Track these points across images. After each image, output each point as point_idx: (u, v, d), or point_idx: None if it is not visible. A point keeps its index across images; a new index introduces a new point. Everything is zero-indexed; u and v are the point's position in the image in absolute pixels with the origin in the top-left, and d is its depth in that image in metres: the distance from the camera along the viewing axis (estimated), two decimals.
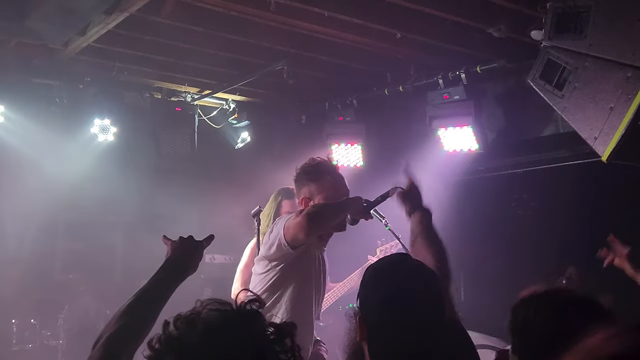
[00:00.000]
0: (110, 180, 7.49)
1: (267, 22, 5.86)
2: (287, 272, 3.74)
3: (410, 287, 2.12)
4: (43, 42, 6.09)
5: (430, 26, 6.00)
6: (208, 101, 8.01)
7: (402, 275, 2.16)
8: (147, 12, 5.55)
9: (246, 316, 1.54)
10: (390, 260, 2.32)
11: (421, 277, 2.18)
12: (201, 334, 1.48)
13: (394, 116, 7.55)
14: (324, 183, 3.93)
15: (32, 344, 7.01)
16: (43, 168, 7.26)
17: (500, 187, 7.03)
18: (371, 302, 2.14)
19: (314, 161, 4.08)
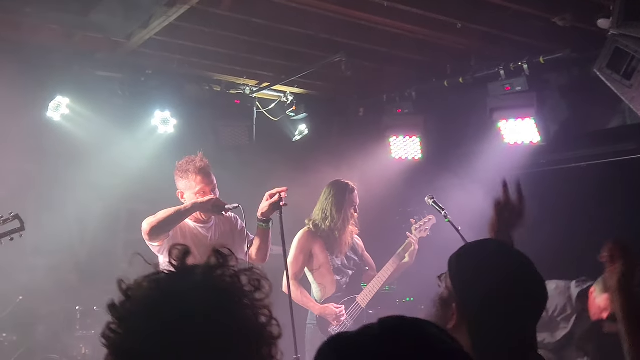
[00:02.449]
0: (170, 171, 7.57)
1: (326, 13, 5.85)
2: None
3: (521, 276, 2.08)
4: (106, 35, 6.22)
5: (491, 16, 5.90)
6: (266, 94, 8.06)
7: (512, 264, 2.11)
8: (208, 4, 5.62)
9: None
10: (493, 247, 2.25)
11: (528, 266, 2.13)
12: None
13: (453, 108, 7.44)
14: (190, 181, 4.92)
15: (94, 330, 7.17)
16: (106, 159, 7.41)
17: (562, 180, 6.85)
18: (478, 290, 2.07)
19: (187, 160, 5.04)
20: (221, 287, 1.45)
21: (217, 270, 1.46)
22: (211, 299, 1.42)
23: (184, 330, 1.39)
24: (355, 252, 6.01)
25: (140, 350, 1.40)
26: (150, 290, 1.48)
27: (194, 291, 1.44)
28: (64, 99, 7.00)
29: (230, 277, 1.46)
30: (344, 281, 5.85)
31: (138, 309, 1.46)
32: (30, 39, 6.37)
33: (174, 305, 1.42)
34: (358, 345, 1.28)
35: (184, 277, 1.48)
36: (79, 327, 7.11)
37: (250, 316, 1.43)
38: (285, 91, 8.05)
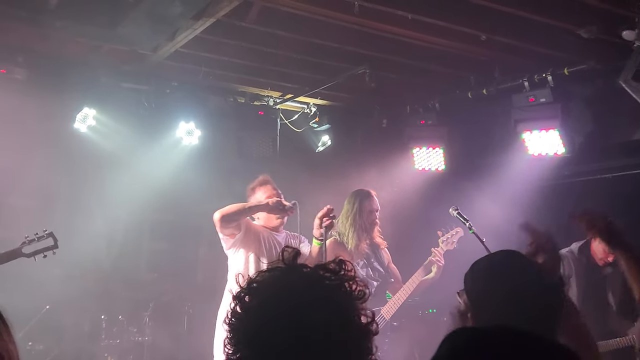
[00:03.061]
0: (194, 182, 7.68)
1: (350, 25, 5.88)
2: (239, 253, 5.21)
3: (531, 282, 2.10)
4: (133, 47, 6.30)
5: (516, 28, 5.89)
6: (290, 105, 8.11)
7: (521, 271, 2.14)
8: (234, 17, 5.67)
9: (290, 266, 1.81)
10: (502, 257, 2.27)
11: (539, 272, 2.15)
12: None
13: (477, 119, 7.43)
14: (256, 195, 5.49)
15: (120, 340, 7.23)
16: (131, 170, 7.50)
17: (587, 192, 6.81)
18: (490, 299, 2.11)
19: (252, 183, 5.66)
20: (329, 287, 1.76)
21: (326, 273, 1.78)
22: (321, 297, 1.73)
23: (302, 319, 1.67)
24: (381, 263, 6.00)
25: (259, 333, 1.69)
26: (270, 285, 1.77)
27: (310, 287, 1.74)
28: (90, 110, 7.10)
29: (339, 281, 1.77)
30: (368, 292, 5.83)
31: (260, 301, 1.73)
32: (59, 52, 6.47)
33: (294, 299, 1.72)
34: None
35: (299, 276, 1.78)
36: (104, 336, 7.19)
37: (356, 314, 1.74)
38: (309, 102, 8.10)
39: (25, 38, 6.19)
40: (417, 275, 5.91)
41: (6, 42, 6.28)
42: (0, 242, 7.17)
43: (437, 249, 5.97)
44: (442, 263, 5.92)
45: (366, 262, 5.90)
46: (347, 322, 1.71)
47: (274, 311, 1.69)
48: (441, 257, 5.93)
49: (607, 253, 5.49)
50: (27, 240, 5.31)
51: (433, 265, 5.92)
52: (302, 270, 1.79)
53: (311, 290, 1.73)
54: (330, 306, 1.71)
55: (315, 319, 1.67)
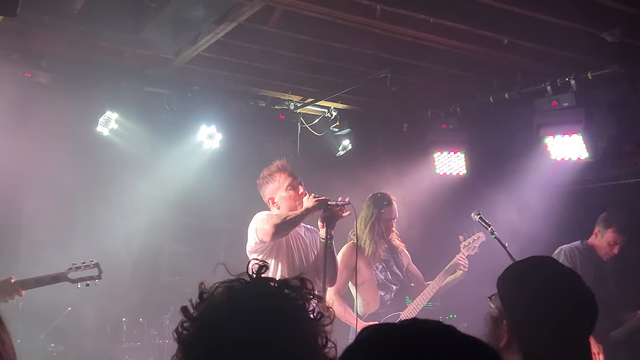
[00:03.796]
0: (215, 186, 7.71)
1: (371, 29, 5.87)
2: (271, 256, 4.87)
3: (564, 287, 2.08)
4: (156, 52, 6.34)
5: (538, 31, 5.85)
6: (310, 109, 8.12)
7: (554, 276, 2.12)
8: (255, 21, 5.69)
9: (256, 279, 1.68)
10: (536, 262, 2.25)
11: (572, 277, 2.13)
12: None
13: (498, 124, 7.38)
14: (276, 182, 5.07)
15: (140, 342, 7.27)
16: (152, 173, 7.55)
17: (611, 198, 6.74)
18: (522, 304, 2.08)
19: (266, 169, 5.21)
20: (286, 303, 1.62)
21: (287, 289, 1.64)
22: (275, 312, 1.58)
23: (243, 334, 1.53)
24: (400, 267, 5.97)
25: (207, 345, 1.56)
26: (221, 295, 1.64)
27: (263, 305, 1.59)
28: (113, 114, 7.16)
29: (298, 298, 1.63)
30: (387, 297, 5.82)
31: (207, 311, 1.61)
32: (83, 56, 6.53)
33: (239, 312, 1.58)
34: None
35: (256, 289, 1.65)
36: (125, 339, 7.23)
37: (309, 335, 1.59)
38: (330, 107, 8.10)
39: (49, 42, 6.26)
40: (437, 281, 5.89)
41: (30, 47, 6.35)
42: (27, 243, 7.33)
43: (459, 255, 5.94)
44: (467, 268, 5.89)
45: (385, 266, 5.88)
46: (296, 341, 1.56)
47: (218, 323, 1.57)
48: (466, 262, 5.89)
49: (611, 246, 5.85)
50: (73, 267, 5.38)
51: (458, 270, 5.89)
52: (265, 283, 1.65)
53: (261, 304, 1.60)
54: (278, 321, 1.58)
55: (260, 333, 1.54)
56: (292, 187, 5.01)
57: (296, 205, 4.96)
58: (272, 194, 5.07)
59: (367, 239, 5.79)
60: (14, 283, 4.95)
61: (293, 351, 1.54)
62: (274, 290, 1.64)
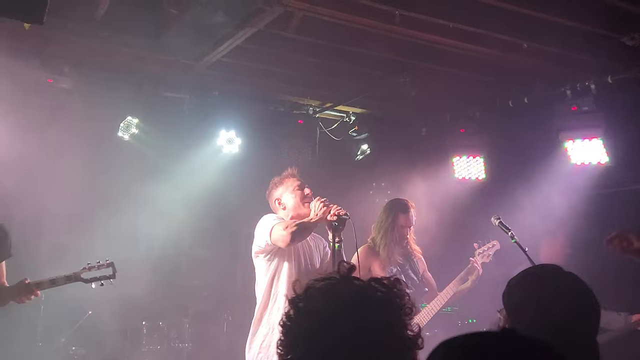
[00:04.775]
0: (234, 190, 7.76)
1: (390, 34, 5.88)
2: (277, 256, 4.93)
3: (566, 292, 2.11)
4: (176, 57, 6.40)
5: (558, 36, 5.83)
6: (329, 114, 8.14)
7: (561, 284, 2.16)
8: (275, 27, 5.72)
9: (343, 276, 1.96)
10: (536, 270, 2.31)
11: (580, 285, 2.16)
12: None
13: (518, 128, 7.35)
14: (285, 185, 5.20)
15: (160, 346, 7.33)
16: (172, 178, 7.61)
17: (631, 202, 6.70)
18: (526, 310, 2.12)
19: (278, 176, 5.35)
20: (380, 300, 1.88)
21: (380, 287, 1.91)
22: (375, 308, 1.85)
23: (347, 327, 1.79)
24: (416, 272, 5.98)
25: (313, 335, 1.82)
26: (326, 293, 1.89)
27: (360, 300, 1.86)
28: (133, 119, 7.23)
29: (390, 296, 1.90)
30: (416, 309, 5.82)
31: (316, 306, 1.87)
32: (105, 62, 6.61)
33: (344, 308, 1.84)
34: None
35: (352, 287, 1.91)
36: (145, 342, 7.29)
37: (402, 328, 1.86)
38: (348, 111, 8.12)
39: (71, 48, 6.34)
40: (452, 286, 5.89)
41: (53, 53, 6.43)
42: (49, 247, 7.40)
43: (474, 260, 5.94)
44: (480, 272, 5.90)
45: (400, 270, 5.89)
46: (392, 334, 1.81)
47: (324, 318, 1.81)
48: (480, 270, 5.90)
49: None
50: (87, 267, 5.43)
51: (471, 275, 5.90)
52: (354, 282, 1.91)
53: (360, 301, 1.84)
54: (377, 317, 1.82)
55: (362, 328, 1.78)
56: (299, 188, 5.12)
57: (301, 205, 5.03)
58: (280, 196, 5.17)
59: (382, 243, 5.82)
60: (28, 284, 5.04)
61: (386, 343, 1.79)
62: (367, 287, 1.90)
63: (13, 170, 6.44)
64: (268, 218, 4.97)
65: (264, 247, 4.87)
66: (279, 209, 5.15)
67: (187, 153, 7.69)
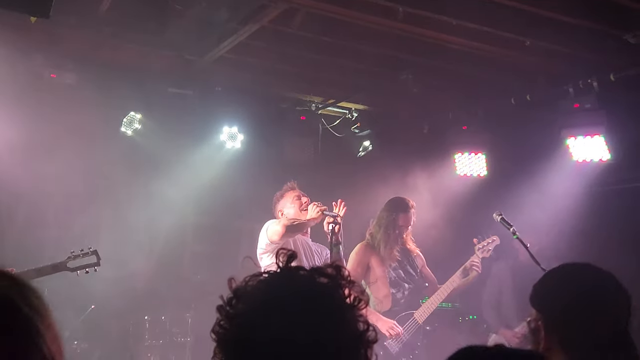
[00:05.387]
0: (237, 186, 7.78)
1: (394, 31, 5.89)
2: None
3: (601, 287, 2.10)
4: (180, 53, 6.41)
5: (560, 33, 5.84)
6: (332, 110, 8.15)
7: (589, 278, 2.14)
8: (278, 23, 5.74)
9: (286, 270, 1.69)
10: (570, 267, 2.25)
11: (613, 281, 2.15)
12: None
13: (520, 125, 7.37)
14: (286, 197, 5.74)
15: (163, 340, 7.35)
16: (174, 173, 7.62)
17: (633, 199, 6.72)
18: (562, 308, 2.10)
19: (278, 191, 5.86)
20: (322, 292, 1.63)
21: (321, 278, 1.64)
22: (315, 301, 1.60)
23: (288, 326, 1.54)
24: (414, 268, 6.03)
25: (249, 341, 1.56)
26: (259, 290, 1.63)
27: (299, 294, 1.61)
28: (136, 114, 7.24)
29: (334, 286, 1.64)
30: (400, 295, 5.88)
31: (247, 307, 1.60)
32: (108, 58, 6.62)
33: (280, 304, 1.58)
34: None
35: (291, 280, 1.65)
36: (147, 337, 7.30)
37: (351, 321, 1.61)
38: (351, 108, 8.12)
39: (75, 43, 6.35)
40: (452, 281, 5.93)
41: (56, 48, 6.44)
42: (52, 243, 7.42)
43: (474, 257, 5.98)
44: (480, 271, 5.93)
45: (398, 266, 5.95)
46: (340, 329, 1.59)
47: (260, 317, 1.57)
48: (479, 265, 5.93)
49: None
50: (72, 255, 5.52)
51: (471, 271, 5.93)
52: (297, 273, 1.66)
53: (301, 295, 1.61)
54: (321, 311, 1.59)
55: (304, 324, 1.55)
56: (297, 198, 5.64)
57: (299, 213, 5.51)
58: (282, 208, 5.70)
59: (381, 241, 5.88)
60: None
61: (335, 339, 1.56)
62: (307, 279, 1.64)
63: (16, 164, 6.45)
64: (269, 222, 5.46)
65: (265, 247, 5.33)
66: (282, 219, 5.57)
67: (190, 149, 7.71)
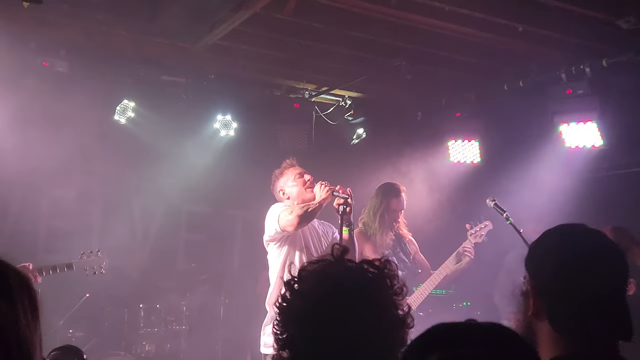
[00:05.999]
0: (230, 174, 7.78)
1: (386, 17, 5.89)
2: (287, 243, 5.08)
3: (595, 251, 1.99)
4: (173, 40, 6.39)
5: (553, 19, 5.85)
6: (325, 98, 8.14)
7: (585, 240, 2.02)
8: (271, 9, 5.72)
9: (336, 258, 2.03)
10: (567, 228, 2.11)
11: (603, 242, 2.03)
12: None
13: (513, 111, 7.36)
14: (288, 174, 5.31)
15: (158, 328, 7.37)
16: (168, 161, 7.63)
17: (625, 185, 6.74)
18: (551, 271, 1.99)
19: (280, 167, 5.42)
20: (372, 278, 1.97)
21: (371, 268, 1.99)
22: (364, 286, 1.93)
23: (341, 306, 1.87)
24: (407, 254, 6.06)
25: (306, 314, 1.90)
26: (318, 274, 1.98)
27: (351, 278, 1.95)
28: (130, 102, 7.22)
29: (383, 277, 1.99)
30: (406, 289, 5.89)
31: (307, 286, 1.96)
32: (100, 45, 6.59)
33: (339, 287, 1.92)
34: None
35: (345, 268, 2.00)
36: (142, 325, 7.33)
37: (392, 307, 1.94)
38: (344, 95, 8.12)
39: (67, 31, 6.31)
40: (445, 267, 5.98)
41: (49, 35, 6.41)
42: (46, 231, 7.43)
43: (466, 242, 6.01)
44: (472, 256, 5.96)
45: (391, 252, 5.98)
46: (382, 314, 1.90)
47: (315, 299, 1.90)
48: (472, 250, 5.97)
49: None
50: (84, 256, 5.81)
51: (464, 258, 5.97)
52: (347, 264, 2.00)
53: (352, 281, 1.93)
54: (367, 298, 1.90)
55: (354, 307, 1.86)
56: (300, 176, 5.25)
57: (304, 192, 5.17)
58: (283, 186, 5.30)
59: (375, 227, 5.92)
60: (32, 270, 5.12)
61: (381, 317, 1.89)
62: (358, 268, 1.98)
63: (7, 153, 6.44)
64: (276, 207, 5.12)
65: (274, 234, 5.01)
66: (284, 199, 5.28)
67: (183, 137, 7.70)
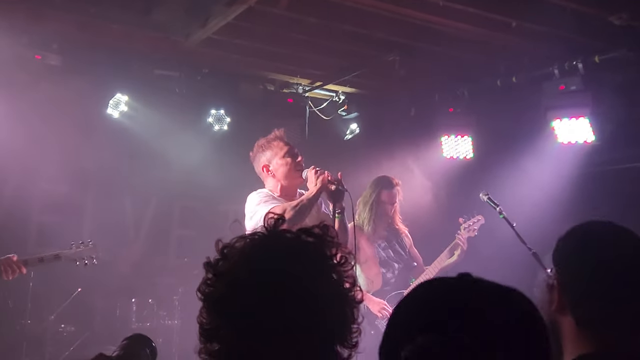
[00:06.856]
0: (223, 169, 7.75)
1: (380, 12, 5.89)
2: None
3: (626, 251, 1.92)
4: (166, 34, 6.38)
5: (546, 15, 5.86)
6: (319, 93, 8.14)
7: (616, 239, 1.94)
8: (266, 3, 5.71)
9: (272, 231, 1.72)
10: (597, 225, 2.02)
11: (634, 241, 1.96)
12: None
13: (506, 107, 7.38)
14: (274, 149, 4.75)
15: (150, 323, 7.35)
16: (161, 156, 7.60)
17: (617, 181, 6.77)
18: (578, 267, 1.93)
19: (265, 137, 4.88)
20: (307, 248, 1.66)
21: (308, 237, 1.68)
22: (299, 256, 1.64)
23: (272, 281, 1.59)
24: (403, 247, 6.08)
25: (234, 298, 1.61)
26: (244, 248, 1.67)
27: (284, 251, 1.65)
28: (123, 96, 7.20)
29: (320, 243, 1.68)
30: (389, 275, 5.92)
31: (232, 265, 1.65)
32: (93, 39, 6.56)
33: (270, 262, 1.62)
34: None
35: (277, 240, 1.69)
36: (134, 319, 7.32)
37: (335, 280, 1.64)
38: (338, 90, 8.12)
39: (60, 24, 6.28)
40: (440, 260, 6.00)
41: (41, 29, 6.37)
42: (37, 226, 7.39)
43: (459, 235, 6.03)
44: (465, 247, 5.98)
45: (387, 244, 6.00)
46: (325, 288, 1.61)
47: (245, 278, 1.60)
48: (464, 242, 5.99)
49: None
50: (73, 246, 5.58)
51: (457, 250, 5.99)
52: (284, 235, 1.69)
53: (285, 254, 1.63)
54: (305, 271, 1.61)
55: (289, 285, 1.58)
56: (289, 154, 4.72)
57: (293, 175, 4.69)
58: (268, 161, 4.78)
59: (366, 218, 5.94)
60: (16, 260, 5.05)
61: (319, 294, 1.60)
62: (293, 237, 1.68)
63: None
64: (256, 198, 4.63)
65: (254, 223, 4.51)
66: (268, 177, 4.81)
67: (176, 131, 7.67)
